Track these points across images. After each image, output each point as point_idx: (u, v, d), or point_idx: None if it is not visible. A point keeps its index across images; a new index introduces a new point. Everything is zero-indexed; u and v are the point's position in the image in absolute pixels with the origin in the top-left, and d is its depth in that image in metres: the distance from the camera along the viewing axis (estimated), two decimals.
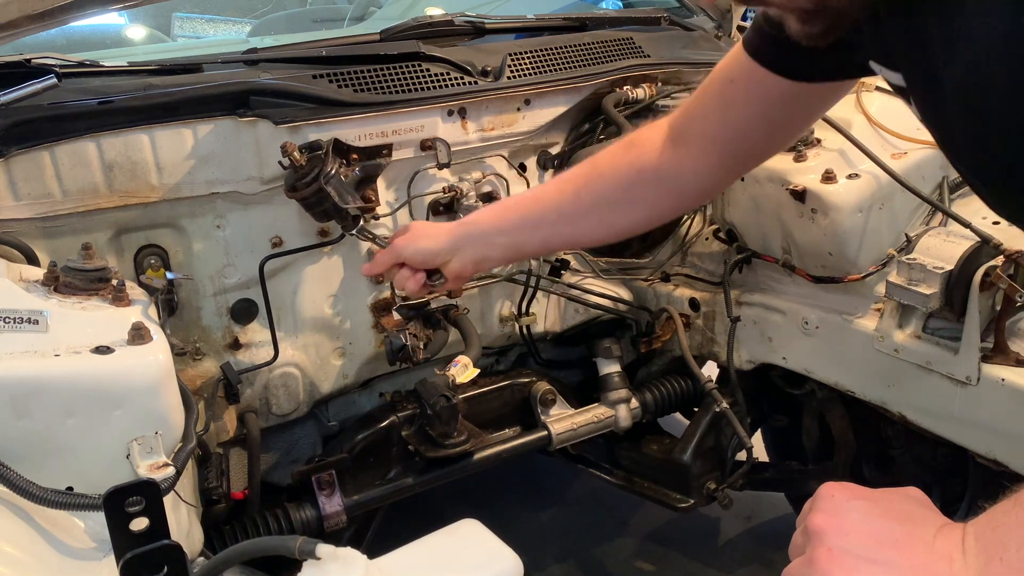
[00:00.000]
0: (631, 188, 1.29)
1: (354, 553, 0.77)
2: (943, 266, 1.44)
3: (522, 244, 1.39)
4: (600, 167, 1.32)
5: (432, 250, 1.39)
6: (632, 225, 1.37)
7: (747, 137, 1.19)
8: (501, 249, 1.39)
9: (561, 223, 1.34)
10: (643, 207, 1.30)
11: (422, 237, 1.41)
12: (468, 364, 1.59)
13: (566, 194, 1.33)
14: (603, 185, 1.31)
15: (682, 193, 1.30)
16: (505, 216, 1.39)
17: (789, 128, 1.23)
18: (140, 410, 1.00)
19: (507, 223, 1.37)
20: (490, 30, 1.87)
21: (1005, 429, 1.41)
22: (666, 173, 1.26)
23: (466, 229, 1.39)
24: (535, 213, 1.35)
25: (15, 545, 0.85)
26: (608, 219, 1.32)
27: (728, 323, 1.82)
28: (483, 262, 1.42)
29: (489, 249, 1.38)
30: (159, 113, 1.41)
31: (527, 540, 2.38)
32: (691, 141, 1.23)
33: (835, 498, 0.69)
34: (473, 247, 1.38)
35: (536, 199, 1.39)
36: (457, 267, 1.39)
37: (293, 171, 1.44)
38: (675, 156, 1.24)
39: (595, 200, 1.31)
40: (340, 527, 1.65)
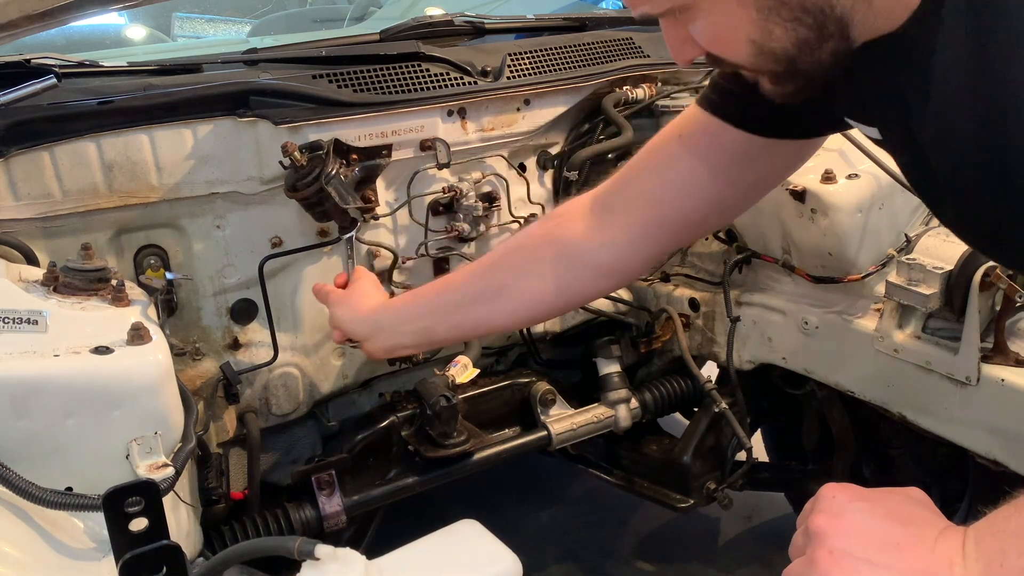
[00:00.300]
0: (544, 263, 1.18)
1: (353, 553, 0.77)
2: (943, 266, 1.44)
3: (431, 330, 1.30)
4: (517, 241, 1.26)
5: (350, 328, 1.38)
6: (548, 305, 1.23)
7: (685, 201, 1.09)
8: (411, 336, 1.32)
9: (472, 305, 1.25)
10: (559, 284, 1.18)
11: (350, 306, 1.38)
12: (468, 364, 1.59)
13: (477, 273, 1.26)
14: (516, 260, 1.22)
15: (602, 270, 1.17)
16: (418, 301, 1.33)
17: (740, 191, 1.12)
18: (140, 410, 1.00)
19: (418, 308, 1.31)
20: (490, 30, 1.87)
21: (1005, 429, 1.41)
22: (585, 245, 1.15)
23: (379, 316, 1.34)
24: (446, 295, 1.29)
25: (15, 545, 0.85)
26: (522, 298, 1.21)
27: (728, 323, 1.82)
28: (396, 349, 1.37)
29: (400, 337, 1.33)
30: (159, 113, 1.41)
31: (527, 540, 2.37)
32: (613, 209, 1.13)
33: (836, 499, 0.69)
34: (384, 334, 1.33)
35: (449, 280, 1.34)
36: (371, 349, 1.36)
37: (294, 171, 1.44)
38: (597, 226, 1.14)
39: (506, 277, 1.22)
40: (340, 527, 1.65)
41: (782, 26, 0.76)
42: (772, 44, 0.78)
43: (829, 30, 0.77)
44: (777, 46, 0.78)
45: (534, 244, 1.22)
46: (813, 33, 0.77)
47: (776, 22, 0.76)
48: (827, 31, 0.77)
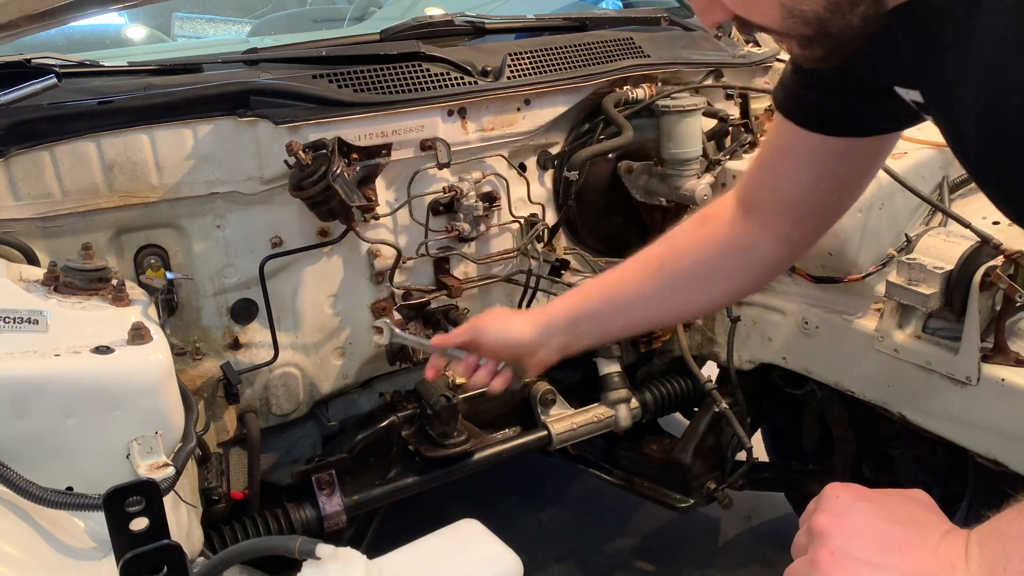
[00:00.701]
0: (711, 263, 1.25)
1: (354, 553, 0.77)
2: (943, 266, 1.44)
3: (607, 330, 1.36)
4: (678, 245, 1.28)
5: (519, 340, 1.32)
6: (716, 301, 1.38)
7: (813, 197, 1.15)
8: (587, 336, 1.35)
9: (644, 305, 1.30)
10: (725, 282, 1.27)
11: (506, 324, 1.35)
12: None
13: (648, 275, 1.30)
14: (684, 263, 1.27)
15: (762, 263, 1.25)
16: (588, 301, 1.34)
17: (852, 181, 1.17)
18: (140, 410, 1.00)
19: (591, 310, 1.33)
20: (490, 30, 1.87)
21: (1005, 429, 1.41)
22: (742, 245, 1.22)
23: (551, 320, 1.33)
24: (617, 297, 1.31)
25: (15, 545, 0.85)
26: (691, 297, 1.29)
27: (728, 323, 1.82)
28: (569, 349, 1.36)
29: (575, 338, 1.34)
30: (159, 113, 1.41)
31: (527, 540, 2.38)
32: (760, 208, 1.19)
33: (840, 499, 0.68)
34: (560, 336, 1.33)
35: (617, 283, 1.33)
36: (543, 357, 1.34)
37: (299, 170, 1.44)
38: (748, 226, 1.21)
39: (676, 280, 1.28)
40: (340, 527, 1.65)
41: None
42: (802, 7, 0.77)
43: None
44: (807, 9, 0.77)
45: (703, 247, 1.26)
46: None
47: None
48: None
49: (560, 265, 1.87)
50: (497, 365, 1.35)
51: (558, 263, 1.87)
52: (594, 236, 1.94)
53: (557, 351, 1.34)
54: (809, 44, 0.82)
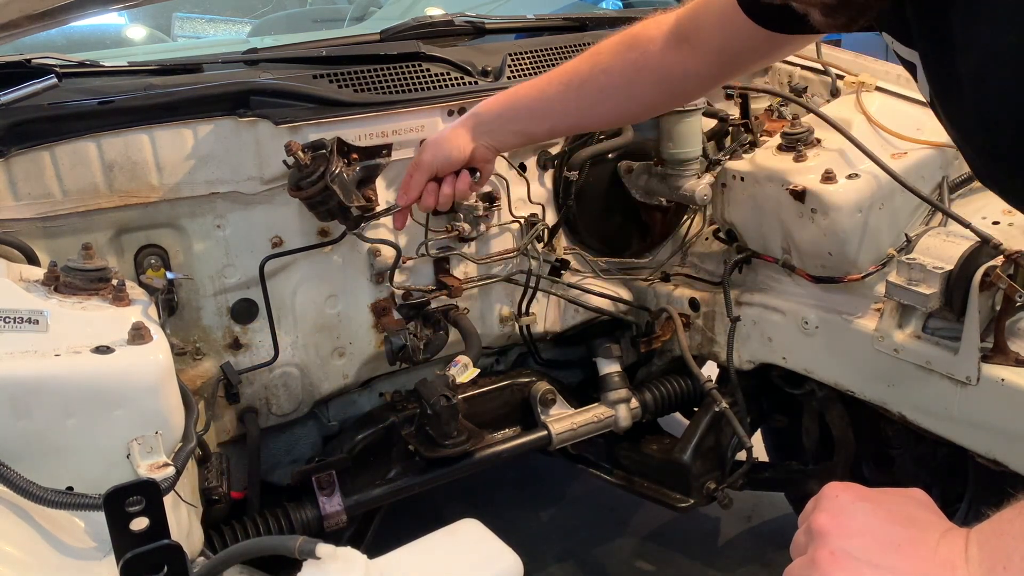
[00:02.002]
0: (631, 85, 1.39)
1: (354, 553, 0.77)
2: (943, 266, 1.44)
3: (531, 132, 1.53)
4: (602, 63, 1.41)
5: (459, 147, 1.46)
6: (628, 117, 1.61)
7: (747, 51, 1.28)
8: (513, 136, 1.50)
9: (565, 114, 1.46)
10: (640, 102, 1.44)
11: (442, 143, 1.48)
12: (468, 364, 1.59)
13: (571, 89, 1.43)
14: (605, 81, 1.40)
15: (678, 91, 1.44)
16: (514, 107, 1.48)
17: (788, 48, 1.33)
18: (140, 410, 1.00)
19: (517, 114, 1.48)
20: (490, 30, 1.87)
21: (1005, 429, 1.41)
22: (666, 73, 1.36)
23: (479, 120, 1.48)
24: (542, 106, 1.46)
25: (15, 545, 0.85)
26: (608, 110, 1.45)
27: (728, 323, 1.82)
28: (501, 147, 1.52)
29: (503, 136, 1.49)
30: (159, 113, 1.41)
31: (527, 540, 2.38)
32: (695, 44, 1.30)
33: (839, 499, 0.68)
34: (490, 134, 1.47)
35: (542, 93, 1.47)
36: (482, 153, 1.48)
37: (298, 170, 1.44)
38: (677, 57, 1.33)
39: (596, 95, 1.42)
40: (340, 527, 1.65)
41: None
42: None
43: None
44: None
45: (626, 69, 1.39)
46: None
47: None
48: None
49: (560, 265, 1.87)
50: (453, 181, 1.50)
51: (558, 263, 1.87)
52: (594, 236, 1.94)
53: (493, 148, 1.50)
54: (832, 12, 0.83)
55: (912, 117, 1.67)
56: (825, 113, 1.70)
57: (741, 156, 1.79)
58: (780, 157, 1.68)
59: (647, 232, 2.02)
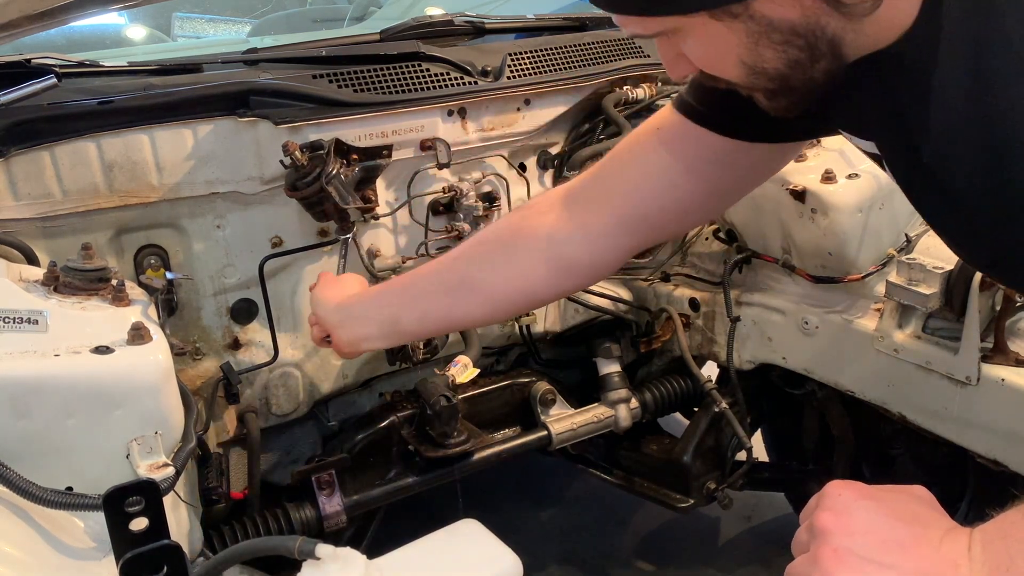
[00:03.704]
0: (506, 253, 1.15)
1: (354, 553, 0.77)
2: (943, 266, 1.44)
3: (398, 319, 1.25)
4: (483, 233, 1.23)
5: (325, 313, 1.32)
6: (508, 299, 1.19)
7: (665, 196, 1.06)
8: (377, 325, 1.26)
9: (435, 295, 1.20)
10: (518, 276, 1.15)
11: (327, 290, 1.34)
12: (468, 364, 1.59)
13: (444, 262, 1.22)
14: (480, 251, 1.19)
15: (563, 263, 1.13)
16: (385, 290, 1.30)
17: (720, 190, 1.09)
18: (140, 410, 1.00)
19: (385, 297, 1.27)
20: (490, 30, 1.87)
21: (1005, 429, 1.41)
22: (550, 236, 1.12)
23: (349, 303, 1.29)
24: (413, 286, 1.24)
25: (15, 545, 0.85)
26: (482, 289, 1.17)
27: (728, 323, 1.82)
28: (363, 341, 1.30)
29: (367, 326, 1.27)
30: (159, 113, 1.41)
31: (527, 540, 2.37)
32: (592, 202, 1.10)
33: (842, 496, 0.68)
34: (353, 324, 1.28)
35: (417, 272, 1.27)
36: (338, 339, 1.30)
37: (295, 170, 1.44)
38: (566, 217, 1.11)
39: (468, 267, 1.18)
40: (340, 527, 1.65)
41: (772, 48, 0.76)
42: (764, 65, 0.78)
43: (821, 50, 0.76)
44: (769, 67, 0.78)
45: (499, 236, 1.18)
46: (805, 54, 0.76)
47: (766, 45, 0.76)
48: (819, 51, 0.76)
49: None
50: None
51: None
52: None
53: (348, 342, 1.28)
54: (774, 96, 0.83)
55: None
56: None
57: None
58: None
59: None
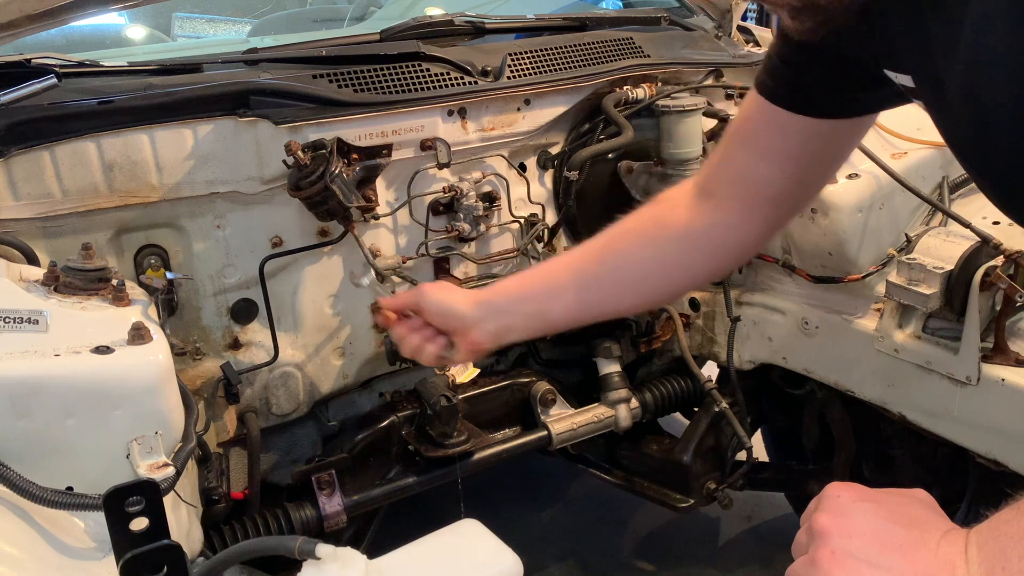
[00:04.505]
0: (655, 244, 1.18)
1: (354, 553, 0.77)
2: (943, 266, 1.44)
3: (546, 312, 1.25)
4: (624, 225, 1.23)
5: (456, 311, 1.26)
6: (659, 287, 1.23)
7: (775, 179, 1.09)
8: (525, 319, 1.26)
9: (584, 287, 1.22)
10: (670, 265, 1.19)
11: (451, 293, 1.30)
12: (468, 364, 1.59)
13: (590, 255, 1.24)
14: (626, 243, 1.21)
15: (713, 249, 1.17)
16: (529, 283, 1.28)
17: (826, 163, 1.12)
18: (140, 410, 1.00)
19: (531, 291, 1.26)
20: (490, 30, 1.87)
21: (1005, 429, 1.41)
22: (694, 228, 1.15)
23: (491, 298, 1.27)
24: (560, 279, 1.24)
25: (15, 545, 0.85)
26: (633, 279, 1.20)
27: (728, 323, 1.82)
28: (505, 334, 1.27)
29: (513, 319, 1.25)
30: (159, 113, 1.41)
31: (527, 540, 2.38)
32: (719, 191, 1.14)
33: (840, 499, 0.68)
34: (497, 318, 1.25)
35: (561, 263, 1.28)
36: (477, 337, 1.26)
37: (297, 170, 1.44)
38: (703, 209, 1.14)
39: (618, 259, 1.21)
40: (340, 527, 1.65)
41: None
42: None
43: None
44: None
45: (643, 228, 1.21)
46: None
47: None
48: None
49: None
50: (433, 334, 1.29)
51: None
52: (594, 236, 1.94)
53: (492, 335, 1.26)
54: (798, 15, 0.82)
55: (912, 117, 1.67)
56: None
57: None
58: None
59: None
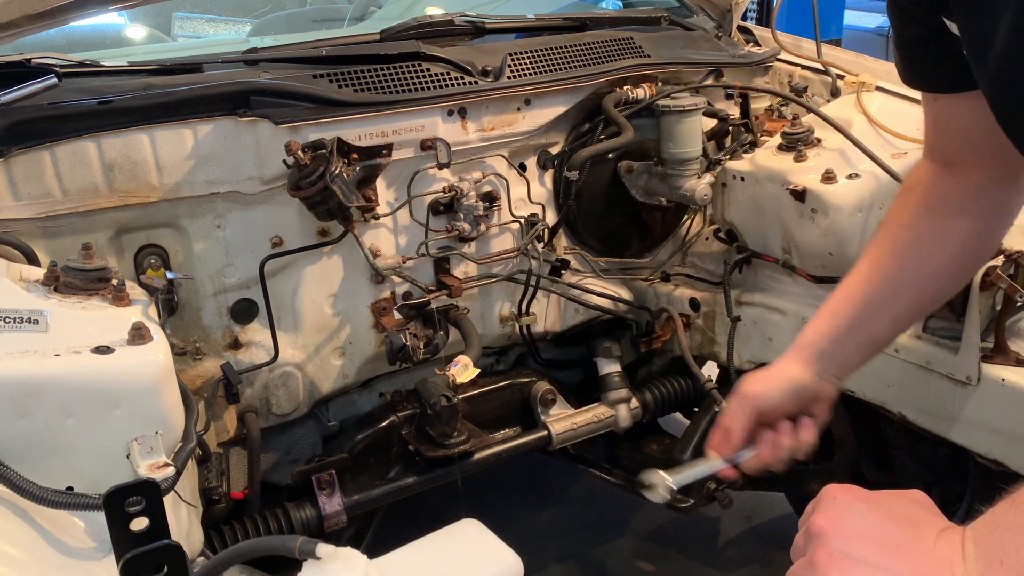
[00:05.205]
0: (939, 229, 1.15)
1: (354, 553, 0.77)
2: None
3: (876, 335, 1.21)
4: (899, 222, 1.20)
5: (800, 386, 1.17)
6: (965, 263, 1.21)
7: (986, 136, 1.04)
8: (857, 348, 1.21)
9: (900, 293, 1.18)
10: (967, 239, 1.16)
11: (777, 380, 1.19)
12: (468, 364, 1.59)
13: (884, 263, 1.20)
14: (911, 235, 1.17)
15: (990, 209, 1.14)
16: (843, 315, 1.22)
17: None
18: (140, 410, 1.00)
19: (852, 320, 1.20)
20: (490, 30, 1.87)
21: (1005, 429, 1.41)
22: (956, 199, 1.14)
23: (818, 348, 1.20)
24: (870, 297, 1.19)
25: (15, 545, 0.85)
26: (940, 267, 1.17)
27: (728, 323, 1.82)
28: (846, 373, 1.21)
29: (848, 357, 1.20)
30: (159, 113, 1.41)
31: (527, 540, 2.37)
32: (954, 159, 1.13)
33: (837, 500, 0.68)
34: (834, 362, 1.19)
35: (863, 284, 1.22)
36: (829, 391, 1.19)
37: (297, 170, 1.44)
38: (951, 180, 1.13)
39: (916, 253, 1.17)
40: (340, 527, 1.65)
41: None
42: None
43: None
44: None
45: (917, 221, 1.17)
46: None
47: None
48: None
49: (560, 265, 1.87)
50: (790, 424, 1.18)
51: (558, 263, 1.87)
52: (594, 236, 1.94)
53: (837, 382, 1.20)
54: None
55: (912, 117, 1.67)
56: (825, 113, 1.70)
57: (741, 156, 1.78)
58: (780, 157, 1.68)
59: (647, 232, 2.02)
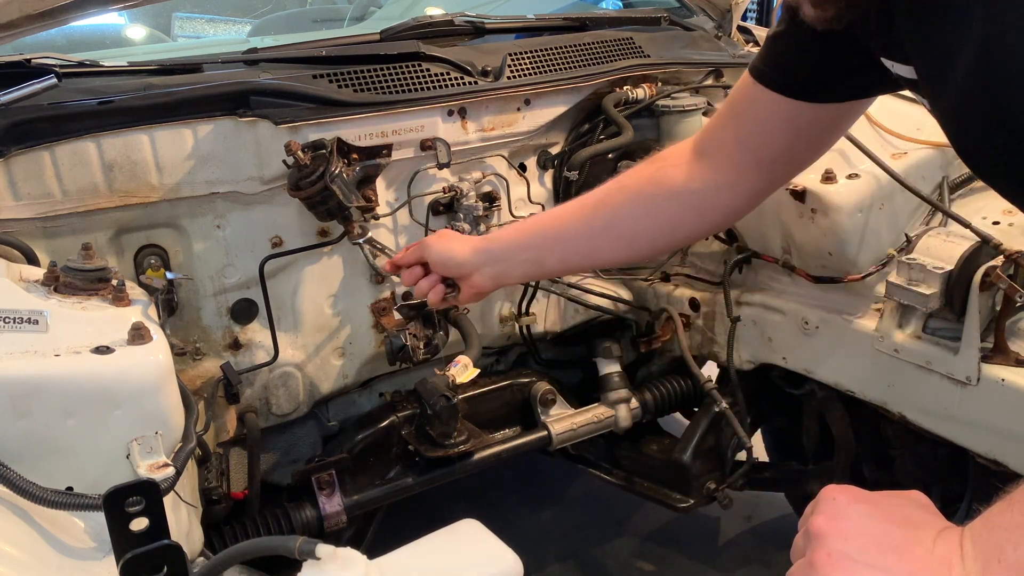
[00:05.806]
0: (650, 201, 1.26)
1: (354, 553, 0.77)
2: (943, 266, 1.44)
3: (541, 260, 1.37)
4: (621, 181, 1.31)
5: (456, 259, 1.37)
6: (652, 242, 1.32)
7: (767, 147, 1.16)
8: (520, 266, 1.37)
9: (579, 238, 1.31)
10: (663, 222, 1.26)
11: (451, 242, 1.40)
12: (468, 364, 1.59)
13: (586, 208, 1.32)
14: (622, 198, 1.28)
15: (706, 208, 1.24)
16: (526, 232, 1.37)
17: (818, 141, 1.19)
18: (140, 410, 1.00)
19: (527, 239, 1.36)
20: (490, 30, 1.87)
21: (1005, 429, 1.41)
22: (688, 186, 1.22)
23: (488, 246, 1.38)
24: (554, 228, 1.33)
25: (15, 545, 0.85)
26: (626, 234, 1.28)
27: (728, 323, 1.82)
28: (502, 278, 1.40)
29: (509, 266, 1.37)
30: (159, 113, 1.41)
31: (527, 540, 2.37)
32: (714, 152, 1.20)
33: (836, 501, 0.68)
34: (494, 264, 1.36)
35: (556, 215, 1.37)
36: (477, 281, 1.38)
37: (297, 170, 1.44)
38: (698, 168, 1.22)
39: (613, 213, 1.28)
40: (340, 527, 1.65)
41: None
42: None
43: None
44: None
45: (639, 185, 1.27)
46: None
47: None
48: None
49: None
50: (438, 280, 1.41)
51: None
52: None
53: (490, 279, 1.37)
54: (820, 3, 0.85)
55: (912, 117, 1.67)
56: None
57: None
58: None
59: None
